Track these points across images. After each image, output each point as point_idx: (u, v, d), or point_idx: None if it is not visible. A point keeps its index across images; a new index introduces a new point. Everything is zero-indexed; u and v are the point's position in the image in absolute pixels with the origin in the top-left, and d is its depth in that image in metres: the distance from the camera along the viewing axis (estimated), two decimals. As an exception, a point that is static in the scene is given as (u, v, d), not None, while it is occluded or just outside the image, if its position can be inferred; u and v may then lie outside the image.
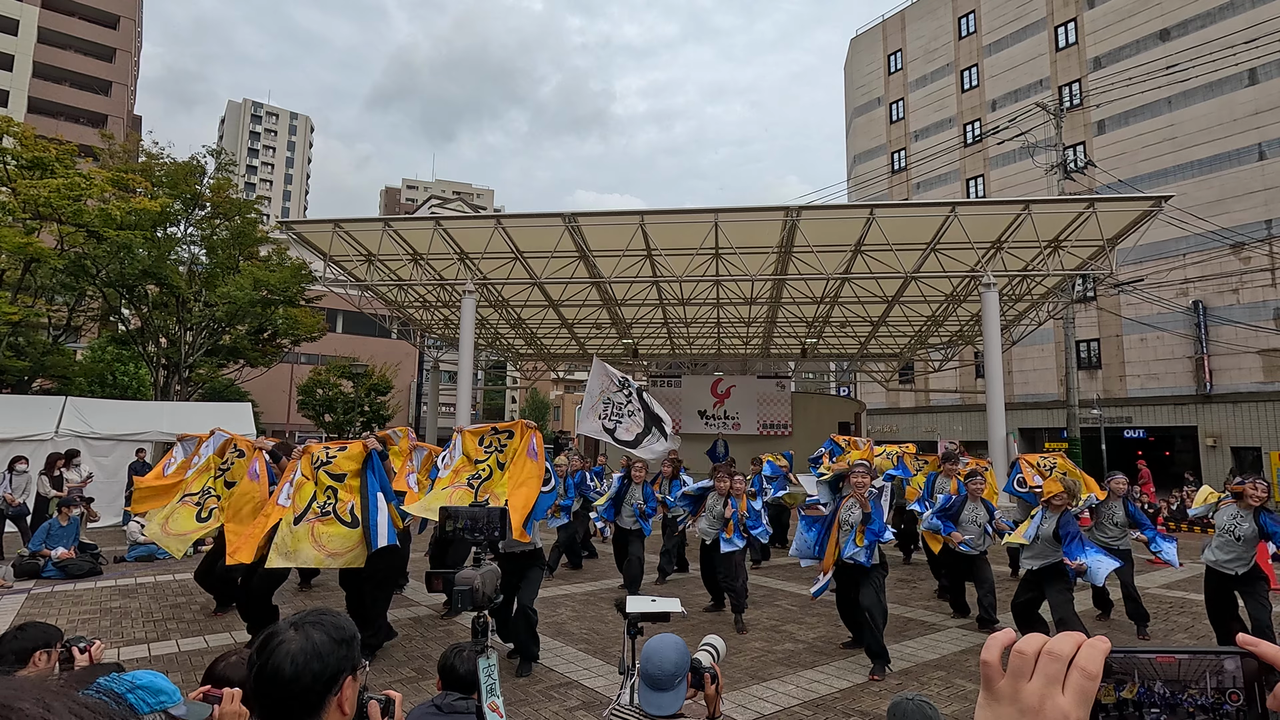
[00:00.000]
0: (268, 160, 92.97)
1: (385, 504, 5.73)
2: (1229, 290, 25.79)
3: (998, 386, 13.80)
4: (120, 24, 48.76)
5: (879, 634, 5.88)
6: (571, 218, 14.11)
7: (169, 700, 1.81)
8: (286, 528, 5.47)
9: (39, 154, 17.00)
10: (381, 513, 5.63)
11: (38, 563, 9.40)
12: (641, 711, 2.55)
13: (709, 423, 23.50)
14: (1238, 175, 25.71)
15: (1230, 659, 0.58)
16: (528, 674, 5.73)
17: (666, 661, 2.49)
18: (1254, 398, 24.88)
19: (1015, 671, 0.59)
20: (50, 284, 20.68)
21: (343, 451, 5.91)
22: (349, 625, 1.43)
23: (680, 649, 2.55)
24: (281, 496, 5.65)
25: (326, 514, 5.55)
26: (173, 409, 17.29)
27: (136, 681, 1.74)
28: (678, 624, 5.48)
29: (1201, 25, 27.00)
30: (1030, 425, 30.93)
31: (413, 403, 46.88)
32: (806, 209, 13.83)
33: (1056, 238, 14.23)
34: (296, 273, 22.34)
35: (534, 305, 19.78)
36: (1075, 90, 30.94)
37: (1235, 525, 6.04)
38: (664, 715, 2.45)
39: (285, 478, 5.82)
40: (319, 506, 5.57)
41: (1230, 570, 6.03)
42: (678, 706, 2.48)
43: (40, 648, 2.58)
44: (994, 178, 33.53)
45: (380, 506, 5.68)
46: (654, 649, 2.55)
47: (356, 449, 5.93)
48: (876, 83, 40.48)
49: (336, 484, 5.70)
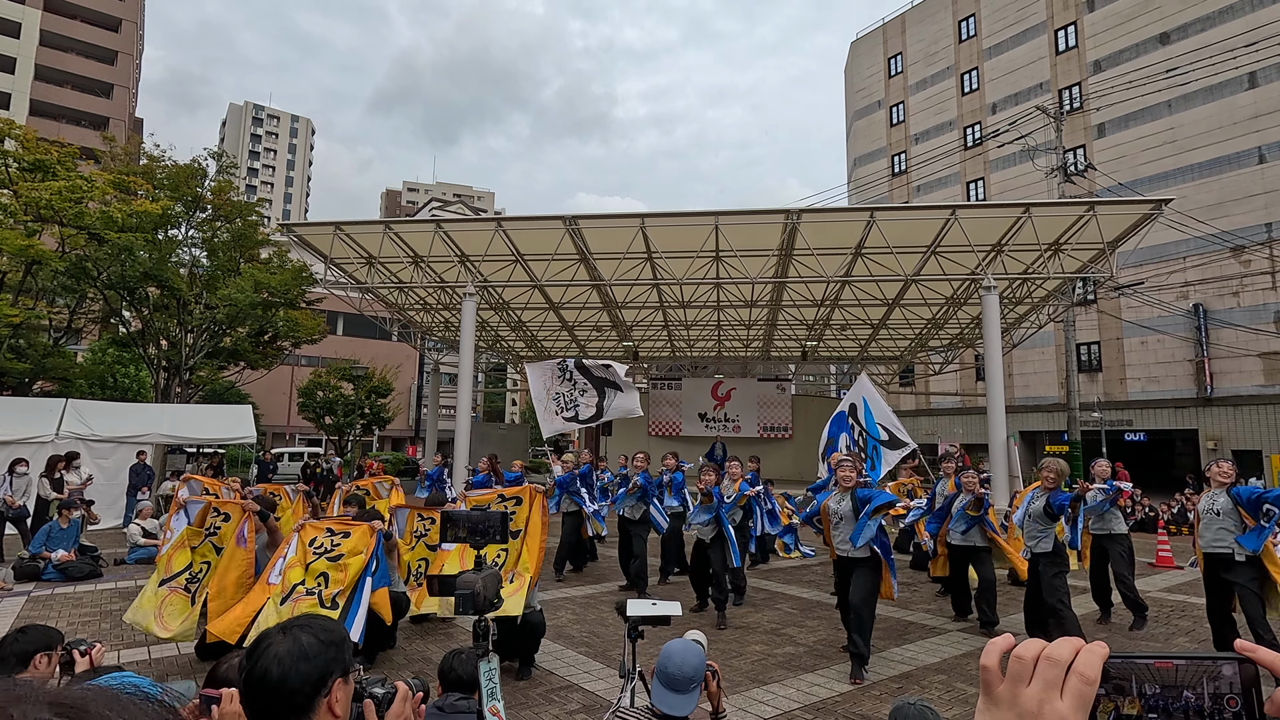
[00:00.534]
0: (269, 163, 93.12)
1: (368, 594, 5.45)
2: (1229, 293, 25.79)
3: (998, 389, 13.79)
4: (122, 27, 48.87)
5: (865, 635, 5.87)
6: (572, 220, 14.12)
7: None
8: (272, 607, 5.30)
9: (41, 156, 17.03)
10: (361, 606, 5.37)
11: (38, 565, 9.40)
12: (653, 712, 2.56)
13: (709, 425, 23.50)
14: (1238, 178, 25.73)
15: (1228, 664, 0.59)
16: (527, 677, 5.73)
17: (687, 665, 2.52)
18: (1255, 400, 24.87)
19: (1014, 676, 0.59)
20: (51, 286, 20.70)
21: (346, 539, 5.66)
22: (338, 629, 1.42)
23: (700, 654, 2.59)
24: (273, 574, 5.47)
25: (311, 594, 5.38)
26: (173, 411, 17.30)
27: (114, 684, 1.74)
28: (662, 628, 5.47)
29: (1201, 29, 27.04)
30: (1031, 428, 30.91)
31: (413, 405, 46.91)
32: (807, 212, 13.84)
33: (1057, 241, 14.23)
34: (297, 275, 22.35)
35: (535, 308, 19.79)
36: (1075, 93, 30.98)
37: (1212, 503, 6.24)
38: (677, 717, 2.47)
39: (279, 553, 5.63)
40: (305, 589, 5.41)
41: (1223, 548, 6.08)
42: (690, 709, 2.50)
43: (41, 650, 2.59)
44: (994, 181, 33.56)
45: (363, 599, 5.41)
46: (676, 650, 2.57)
47: (363, 537, 5.66)
48: (877, 86, 40.54)
49: (331, 568, 5.47)
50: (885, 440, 9.46)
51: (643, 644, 3.46)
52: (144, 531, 11.02)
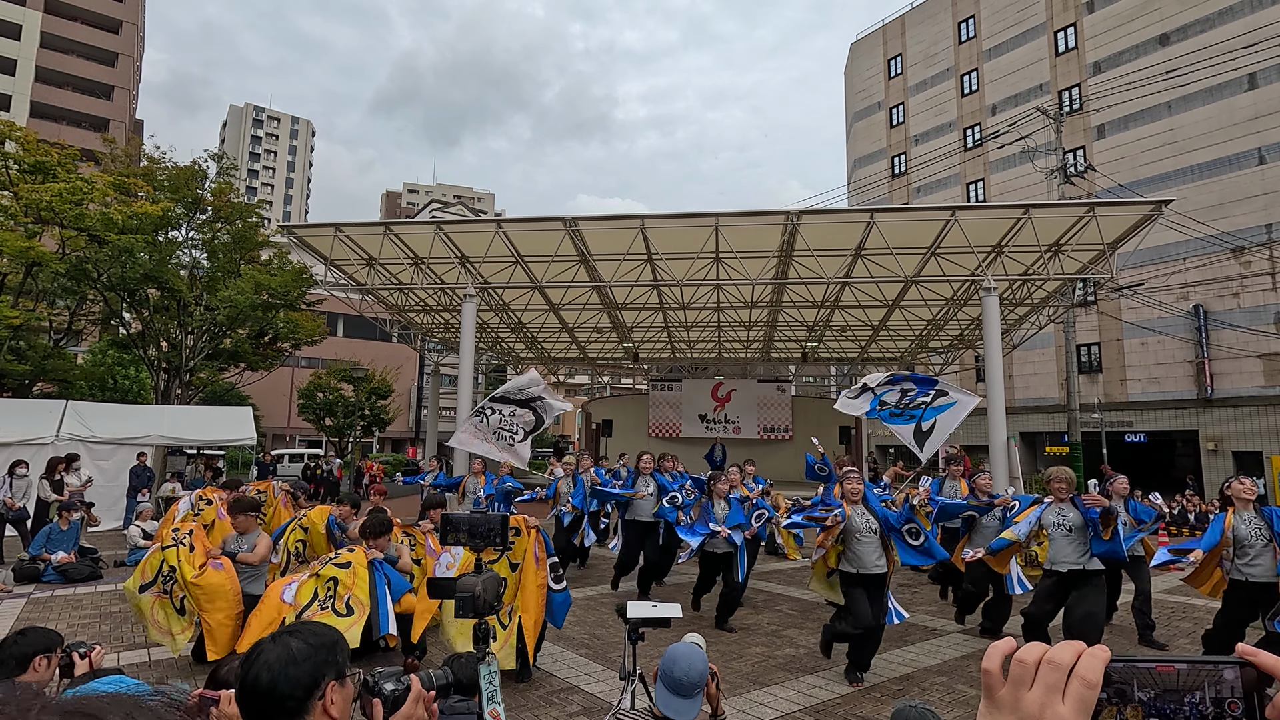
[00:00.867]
0: (269, 164, 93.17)
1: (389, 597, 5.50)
2: (1229, 294, 25.79)
3: (998, 390, 13.78)
4: (122, 29, 48.93)
5: (874, 648, 5.82)
6: (572, 221, 14.12)
7: None
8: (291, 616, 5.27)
9: (41, 158, 17.03)
10: (387, 600, 5.44)
11: (38, 567, 9.40)
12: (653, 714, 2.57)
13: (710, 426, 23.49)
14: (1238, 180, 25.73)
15: (1229, 669, 0.58)
16: (528, 679, 5.72)
17: (693, 670, 2.53)
18: (1255, 401, 24.85)
19: (1016, 680, 0.59)
20: (51, 288, 20.70)
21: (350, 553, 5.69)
22: (331, 633, 1.43)
23: (705, 659, 2.60)
24: (286, 594, 5.43)
25: (325, 608, 5.36)
26: (174, 413, 17.30)
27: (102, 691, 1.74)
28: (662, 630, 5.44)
29: (1201, 30, 27.06)
30: (1031, 429, 30.90)
31: (413, 406, 46.91)
32: (807, 213, 13.83)
33: (1057, 242, 14.22)
34: (297, 276, 22.35)
35: (535, 309, 19.78)
36: (1075, 95, 31.00)
37: (1254, 527, 5.64)
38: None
39: (290, 579, 5.62)
40: (319, 603, 5.39)
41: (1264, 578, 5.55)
42: (695, 714, 2.52)
43: (41, 653, 2.59)
44: (994, 182, 33.56)
45: (387, 600, 5.47)
46: (683, 654, 2.58)
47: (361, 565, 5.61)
48: (877, 87, 40.56)
49: (341, 571, 5.47)
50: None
51: (643, 646, 3.46)
52: (144, 533, 11.01)
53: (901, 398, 9.19)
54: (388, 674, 1.50)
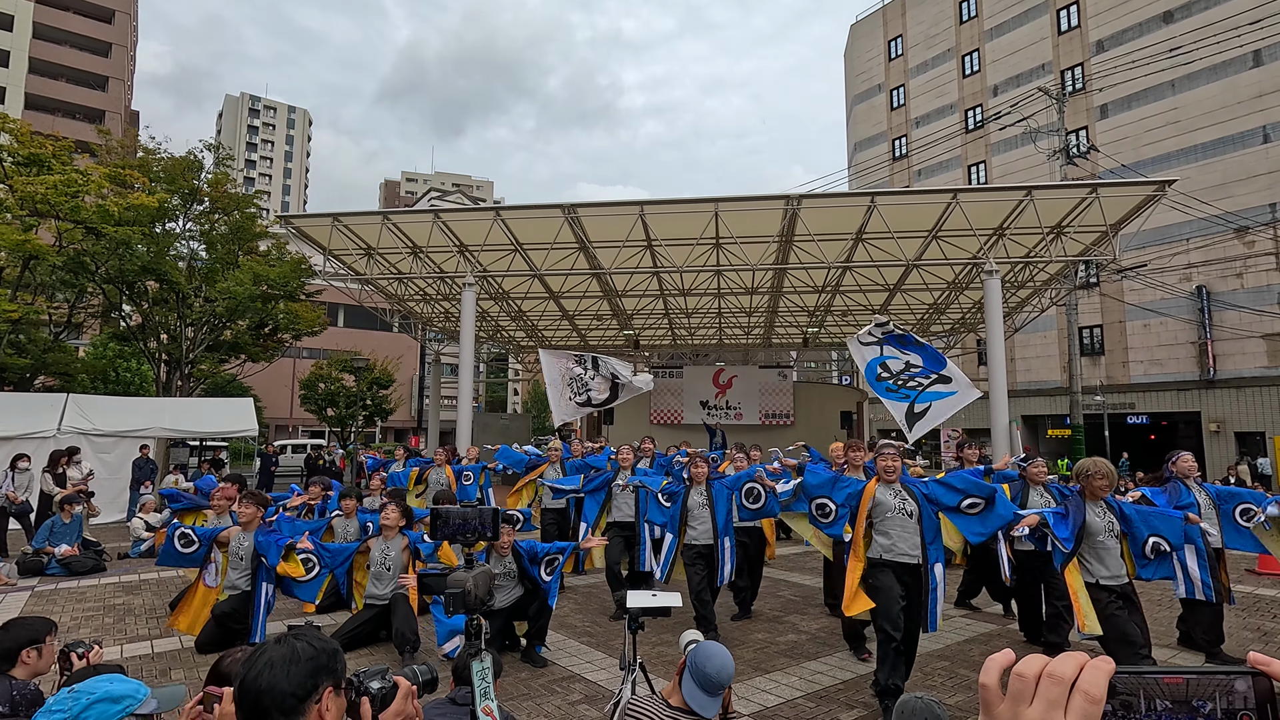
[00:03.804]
0: (266, 154, 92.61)
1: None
2: (1233, 275, 25.65)
3: (1000, 373, 13.74)
4: (115, 18, 48.57)
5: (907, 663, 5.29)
6: (571, 209, 14.04)
7: (133, 702, 1.79)
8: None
9: (36, 150, 16.92)
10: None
11: (41, 560, 9.43)
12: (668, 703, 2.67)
13: (711, 413, 23.48)
14: (1242, 159, 25.51)
15: (1241, 679, 0.55)
16: (541, 664, 5.80)
17: (725, 671, 2.62)
18: (1258, 382, 24.79)
19: (1015, 695, 0.56)
20: (50, 281, 20.66)
21: None
22: (332, 642, 1.45)
23: (733, 660, 2.74)
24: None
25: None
26: (175, 405, 17.32)
27: (93, 696, 1.73)
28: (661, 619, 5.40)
29: (1205, 7, 26.72)
30: (1033, 412, 30.89)
31: (415, 396, 46.96)
32: (807, 197, 13.73)
33: (1059, 223, 14.13)
34: (296, 267, 22.28)
35: (535, 297, 19.73)
36: (1078, 74, 30.68)
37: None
38: (706, 718, 2.59)
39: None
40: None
41: None
42: (716, 710, 2.62)
43: (28, 644, 2.54)
44: (996, 164, 33.32)
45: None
46: (716, 654, 2.65)
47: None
48: (877, 69, 40.19)
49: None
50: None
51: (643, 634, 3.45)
52: (147, 525, 11.05)
53: (904, 370, 8.61)
54: (372, 673, 1.51)
